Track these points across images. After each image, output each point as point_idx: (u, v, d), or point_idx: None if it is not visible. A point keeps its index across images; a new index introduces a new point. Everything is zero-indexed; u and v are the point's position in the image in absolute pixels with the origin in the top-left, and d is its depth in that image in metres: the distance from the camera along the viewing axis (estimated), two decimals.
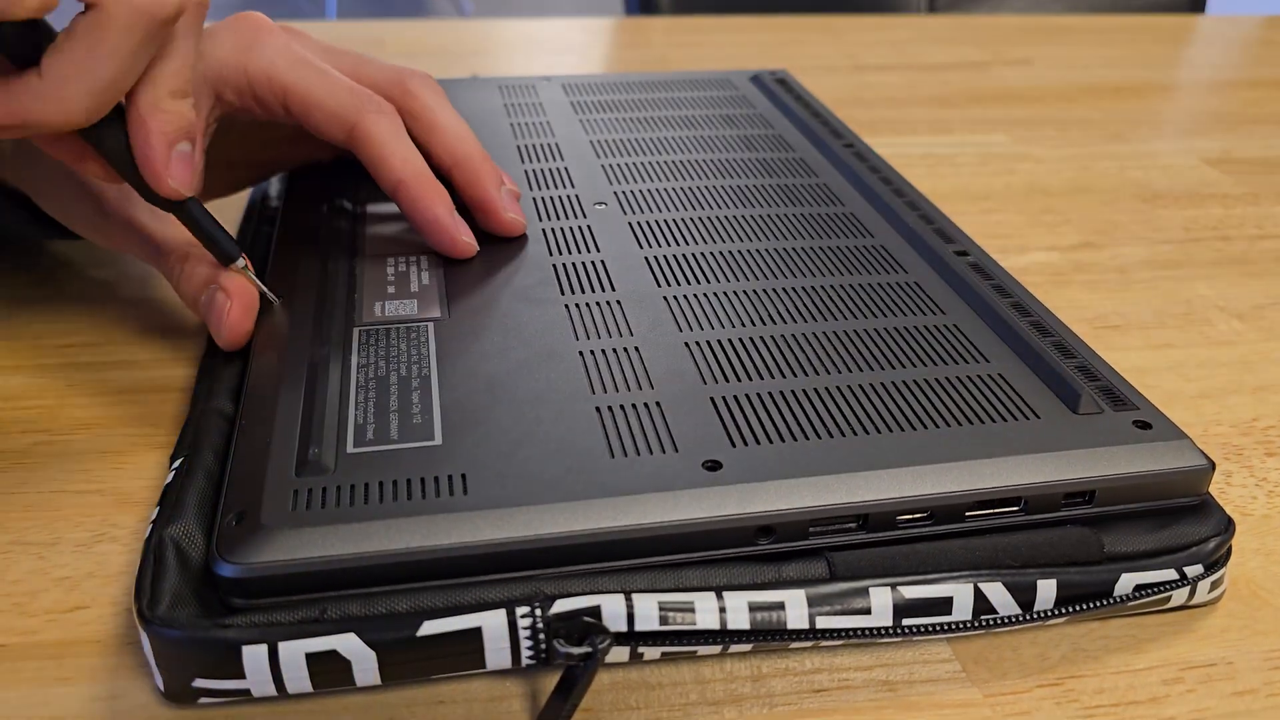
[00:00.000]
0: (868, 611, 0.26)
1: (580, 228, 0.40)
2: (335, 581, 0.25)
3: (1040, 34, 0.85)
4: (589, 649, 0.25)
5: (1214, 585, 0.29)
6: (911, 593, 0.27)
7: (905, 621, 0.27)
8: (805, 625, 0.26)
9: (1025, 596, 0.27)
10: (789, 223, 0.41)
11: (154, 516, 0.27)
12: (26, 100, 0.26)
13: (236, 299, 0.33)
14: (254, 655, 0.24)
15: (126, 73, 0.27)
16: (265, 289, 0.34)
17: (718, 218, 0.41)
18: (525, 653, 0.25)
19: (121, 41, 0.26)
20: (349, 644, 0.24)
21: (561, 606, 0.25)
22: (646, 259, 0.38)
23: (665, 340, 0.33)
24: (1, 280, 0.42)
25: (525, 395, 0.30)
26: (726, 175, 0.45)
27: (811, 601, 0.26)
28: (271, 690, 0.24)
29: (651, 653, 0.26)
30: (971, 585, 0.27)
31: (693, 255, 0.38)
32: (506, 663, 0.25)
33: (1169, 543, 0.28)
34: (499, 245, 0.38)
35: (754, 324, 0.34)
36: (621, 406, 0.29)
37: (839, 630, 0.26)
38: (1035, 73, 0.75)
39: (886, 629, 0.26)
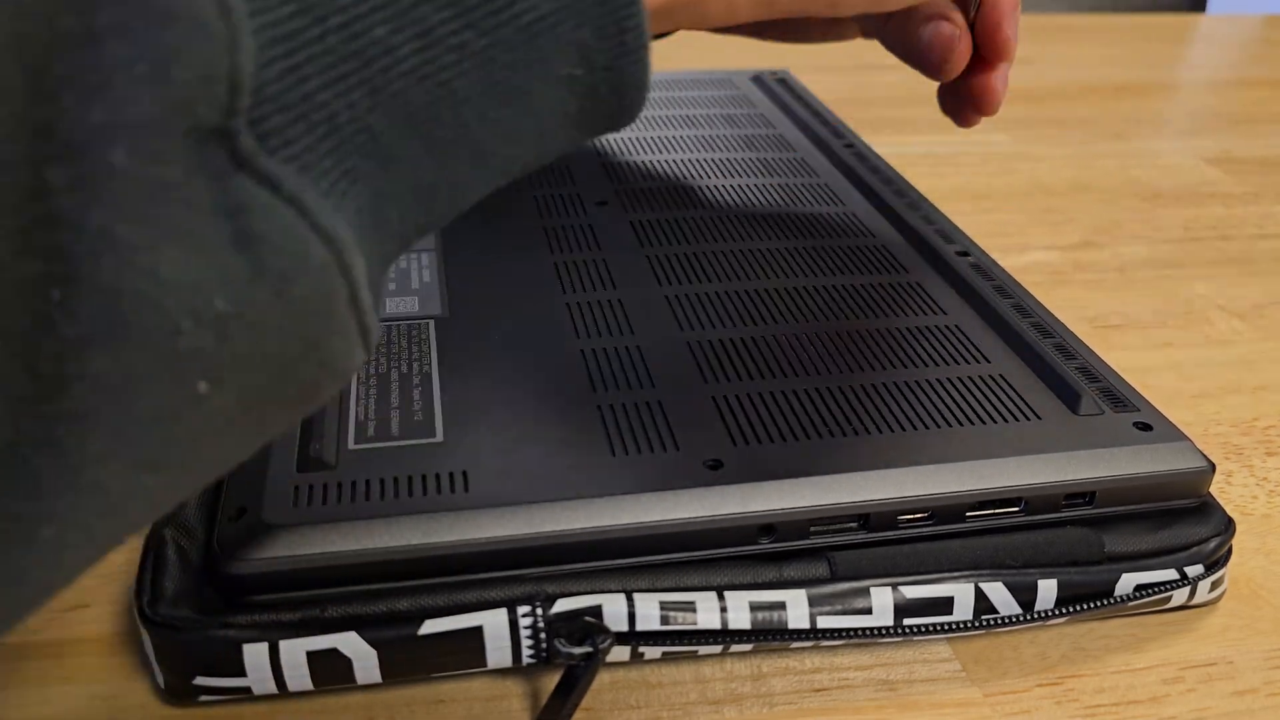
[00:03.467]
0: (869, 611, 0.26)
1: (581, 226, 0.40)
2: (336, 579, 0.25)
3: (1041, 33, 0.85)
4: (590, 648, 0.25)
5: (1214, 585, 0.29)
6: (912, 592, 0.27)
7: (906, 621, 0.27)
8: (806, 625, 0.26)
9: (1026, 596, 0.27)
10: (790, 222, 0.41)
11: None
12: None
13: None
14: (255, 653, 0.24)
15: None
16: None
17: (718, 217, 0.41)
18: (526, 652, 0.25)
19: None
20: (350, 642, 0.24)
21: (563, 606, 0.25)
22: (648, 258, 0.38)
23: (666, 339, 0.33)
24: None
25: (526, 393, 0.30)
26: (727, 175, 0.45)
27: (813, 601, 0.26)
28: (272, 688, 0.24)
29: (652, 652, 0.26)
30: (972, 585, 0.27)
31: (694, 254, 0.38)
32: (507, 662, 0.25)
33: (1169, 543, 0.28)
34: (501, 244, 0.38)
35: (755, 323, 0.34)
36: (622, 405, 0.29)
37: (840, 630, 0.26)
38: (1036, 72, 0.75)
39: (888, 629, 0.26)
